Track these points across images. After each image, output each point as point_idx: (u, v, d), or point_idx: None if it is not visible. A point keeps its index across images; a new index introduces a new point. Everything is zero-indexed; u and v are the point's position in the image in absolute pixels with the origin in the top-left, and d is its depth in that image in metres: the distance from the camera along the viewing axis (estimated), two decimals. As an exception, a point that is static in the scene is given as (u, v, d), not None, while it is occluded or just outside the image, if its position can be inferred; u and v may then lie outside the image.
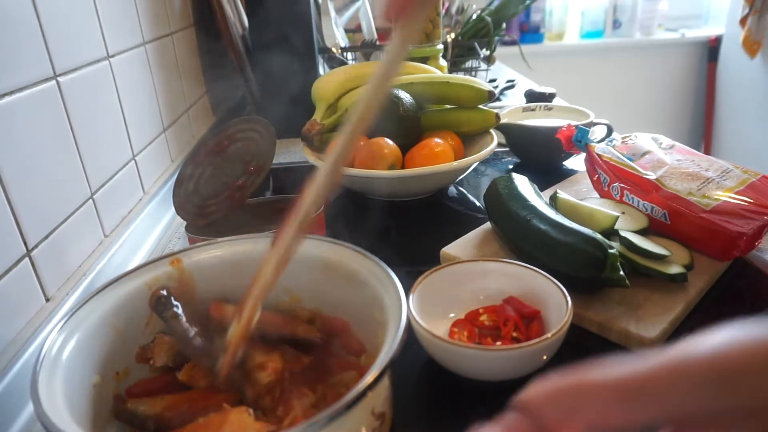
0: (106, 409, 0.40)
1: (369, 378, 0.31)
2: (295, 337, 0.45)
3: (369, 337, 0.44)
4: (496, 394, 0.45)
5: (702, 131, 3.02)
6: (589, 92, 2.92)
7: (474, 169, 0.93)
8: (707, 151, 2.95)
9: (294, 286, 0.48)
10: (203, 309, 0.48)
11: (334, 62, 1.34)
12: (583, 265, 0.51)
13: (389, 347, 0.34)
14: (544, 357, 0.44)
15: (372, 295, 0.42)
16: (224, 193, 0.65)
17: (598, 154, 0.69)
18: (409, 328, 0.46)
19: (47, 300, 0.53)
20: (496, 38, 1.42)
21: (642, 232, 0.59)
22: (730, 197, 0.59)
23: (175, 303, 0.43)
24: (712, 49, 2.84)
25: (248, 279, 0.46)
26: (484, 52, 1.39)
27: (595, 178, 0.70)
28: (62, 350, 0.37)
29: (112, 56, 0.71)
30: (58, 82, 0.57)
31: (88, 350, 0.39)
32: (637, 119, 3.00)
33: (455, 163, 0.76)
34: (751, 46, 2.43)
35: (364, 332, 0.45)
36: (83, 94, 0.62)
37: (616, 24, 2.88)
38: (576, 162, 0.92)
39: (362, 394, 0.30)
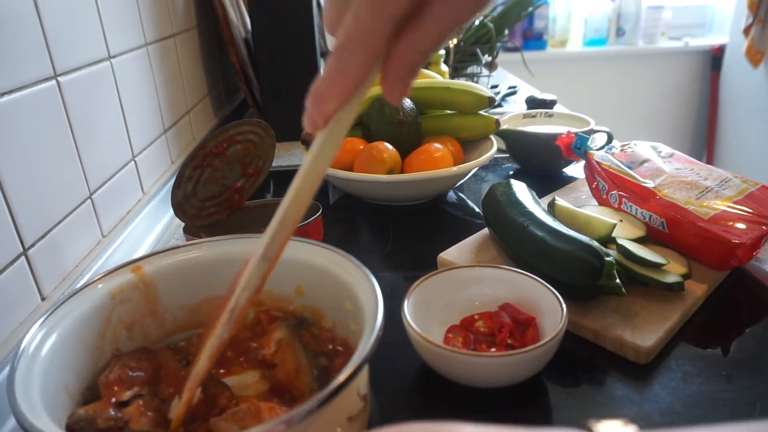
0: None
1: (342, 377, 0.31)
2: (288, 315, 0.46)
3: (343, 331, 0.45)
4: (491, 401, 0.45)
5: (704, 140, 3.02)
6: (592, 100, 2.92)
7: (474, 175, 0.93)
8: (709, 160, 2.95)
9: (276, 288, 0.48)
10: (167, 317, 0.47)
11: (337, 66, 1.33)
12: (579, 272, 0.50)
13: (365, 343, 0.34)
14: (539, 364, 0.44)
15: (348, 293, 0.42)
16: (223, 195, 0.65)
17: (597, 162, 0.69)
18: (404, 333, 0.46)
19: (43, 299, 0.53)
20: (499, 44, 1.42)
21: (640, 241, 0.59)
22: (729, 207, 0.59)
23: None
24: (715, 58, 2.84)
25: (211, 285, 0.46)
26: (486, 58, 1.39)
27: (593, 186, 0.70)
28: (39, 350, 0.36)
29: (114, 57, 0.71)
30: (58, 81, 0.57)
31: (54, 369, 0.38)
32: (640, 127, 3.00)
33: (454, 169, 0.76)
34: (754, 56, 2.43)
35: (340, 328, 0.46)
36: (84, 94, 0.62)
37: (620, 32, 2.88)
38: (575, 169, 0.92)
39: (339, 389, 0.30)
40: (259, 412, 0.35)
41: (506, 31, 1.46)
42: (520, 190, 0.65)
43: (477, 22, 1.46)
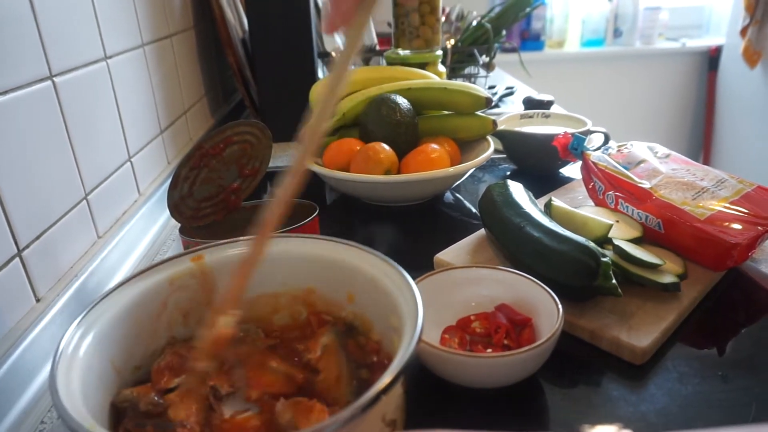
0: None
1: (386, 379, 0.30)
2: (338, 321, 0.46)
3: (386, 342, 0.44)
4: (487, 401, 0.45)
5: (701, 141, 3.03)
6: (590, 100, 2.92)
7: (470, 176, 0.93)
8: (706, 161, 2.96)
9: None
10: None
11: (334, 67, 1.33)
12: (576, 273, 0.50)
13: (405, 350, 0.33)
14: (535, 365, 0.44)
15: (390, 301, 0.41)
16: (219, 195, 0.65)
17: (593, 162, 0.69)
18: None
19: (38, 300, 0.53)
20: (496, 45, 1.42)
21: (636, 241, 0.59)
22: (725, 207, 0.59)
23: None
24: (712, 58, 2.85)
25: (266, 281, 0.46)
26: (484, 59, 1.39)
27: (590, 186, 0.70)
28: (80, 345, 0.36)
29: (110, 57, 0.71)
30: (54, 82, 0.57)
31: (106, 344, 0.38)
32: (637, 128, 3.01)
33: (451, 170, 0.76)
34: (751, 57, 2.44)
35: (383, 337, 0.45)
36: (79, 95, 0.62)
37: (617, 33, 2.89)
38: (572, 170, 0.92)
39: (376, 398, 0.29)
40: (311, 410, 0.36)
41: (504, 32, 1.46)
42: (517, 190, 0.65)
43: (475, 23, 1.46)
